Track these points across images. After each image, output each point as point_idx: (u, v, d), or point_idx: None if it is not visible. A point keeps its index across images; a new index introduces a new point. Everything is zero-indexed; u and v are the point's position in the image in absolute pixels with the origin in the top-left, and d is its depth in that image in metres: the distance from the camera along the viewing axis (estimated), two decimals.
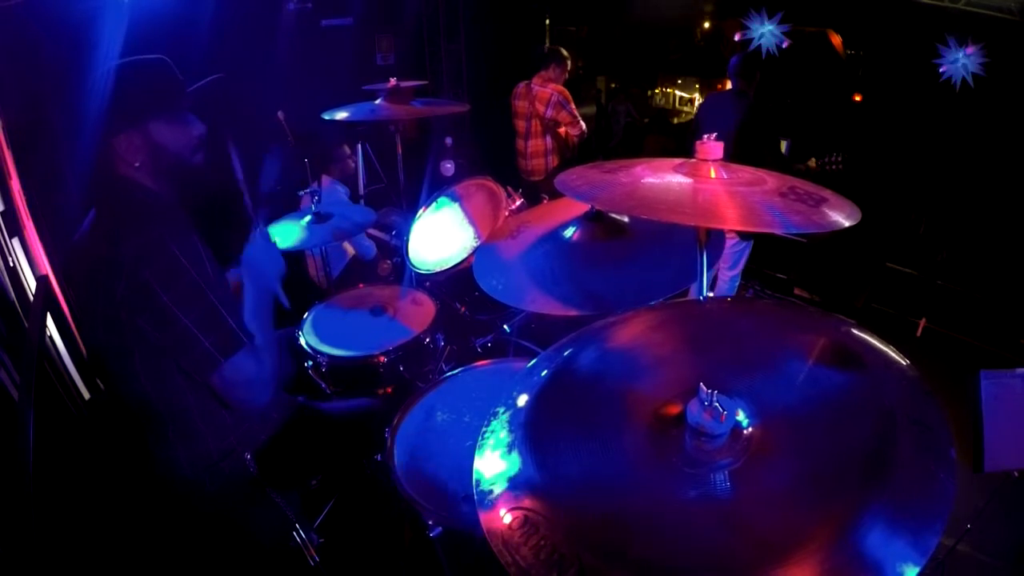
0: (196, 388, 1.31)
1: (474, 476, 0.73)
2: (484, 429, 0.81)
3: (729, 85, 3.43)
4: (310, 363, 1.86)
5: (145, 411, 1.33)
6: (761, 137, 3.14)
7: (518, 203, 2.08)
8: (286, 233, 2.04)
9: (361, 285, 2.25)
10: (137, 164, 1.27)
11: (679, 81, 7.29)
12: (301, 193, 2.76)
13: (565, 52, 4.21)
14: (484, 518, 0.67)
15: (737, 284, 3.66)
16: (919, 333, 3.63)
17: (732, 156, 1.10)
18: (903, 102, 4.40)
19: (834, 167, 3.20)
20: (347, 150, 3.25)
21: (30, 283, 2.26)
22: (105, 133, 1.24)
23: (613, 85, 7.51)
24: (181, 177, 1.33)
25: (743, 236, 3.38)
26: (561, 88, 4.16)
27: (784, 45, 4.21)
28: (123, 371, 1.28)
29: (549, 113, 4.14)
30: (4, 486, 1.44)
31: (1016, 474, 1.55)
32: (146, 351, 1.24)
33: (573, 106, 4.17)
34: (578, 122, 4.19)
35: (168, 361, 1.26)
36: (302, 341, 1.86)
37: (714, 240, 1.17)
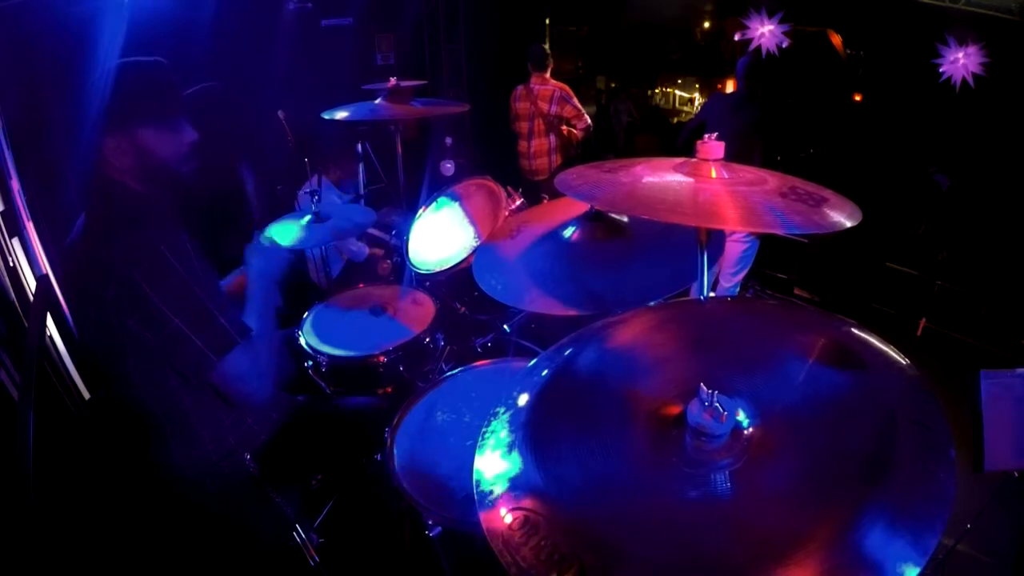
0: (191, 390, 1.31)
1: (474, 476, 0.73)
2: (484, 429, 0.81)
3: (731, 86, 3.43)
4: (310, 363, 1.86)
5: (142, 414, 1.33)
6: (785, 142, 3.14)
7: (518, 203, 2.08)
8: (286, 233, 2.04)
9: (361, 285, 2.25)
10: (124, 168, 1.26)
11: (679, 81, 7.29)
12: (301, 193, 2.76)
13: (547, 48, 4.25)
14: (484, 518, 0.67)
15: (737, 290, 3.66)
16: (919, 333, 3.63)
17: (751, 161, 1.11)
18: (903, 102, 4.40)
19: (815, 160, 3.20)
20: (355, 168, 3.26)
21: (30, 283, 2.26)
22: (96, 134, 1.23)
23: (613, 85, 7.50)
24: (168, 184, 1.32)
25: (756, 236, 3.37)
26: (562, 84, 4.18)
27: (784, 45, 4.21)
28: (117, 374, 1.28)
29: (553, 109, 4.15)
30: (4, 486, 1.44)
31: (1016, 474, 1.55)
32: (139, 353, 1.24)
33: (576, 100, 4.19)
34: (583, 115, 4.21)
35: (161, 363, 1.26)
36: (302, 341, 1.86)
37: (714, 240, 1.17)
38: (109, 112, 1.23)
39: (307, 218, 2.10)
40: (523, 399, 0.84)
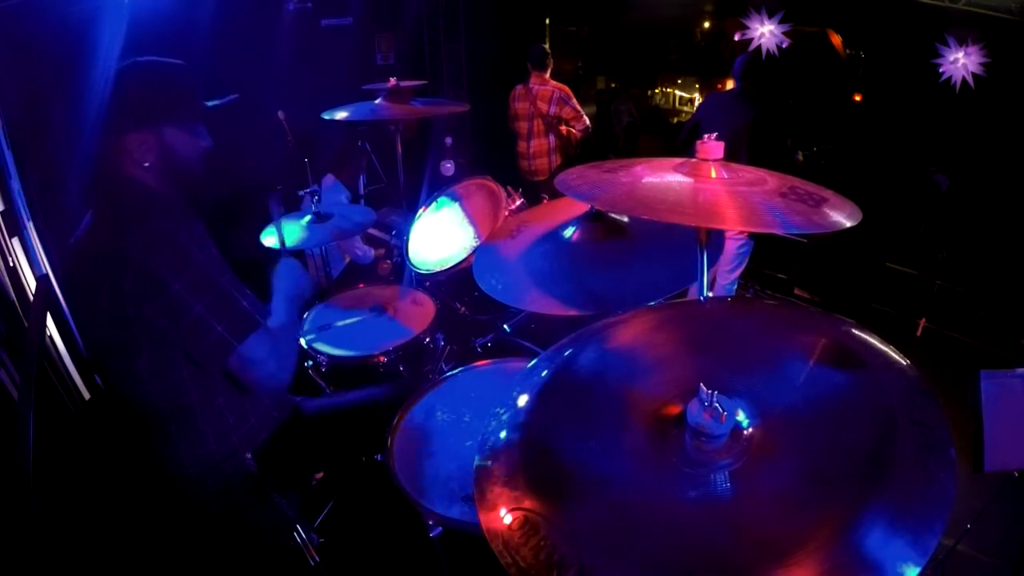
0: (199, 385, 1.31)
1: (474, 476, 0.73)
2: (484, 429, 0.81)
3: (730, 85, 3.44)
4: (310, 363, 1.86)
5: (148, 411, 1.33)
6: (772, 139, 3.15)
7: (518, 203, 2.09)
8: (286, 233, 2.04)
9: (361, 285, 2.25)
10: (146, 164, 1.27)
11: (679, 81, 7.28)
12: (301, 193, 2.76)
13: (547, 48, 4.24)
14: (484, 518, 0.67)
15: (735, 288, 3.67)
16: (919, 333, 3.62)
17: (740, 157, 1.11)
18: (903, 102, 4.40)
19: (822, 161, 3.21)
20: (363, 162, 3.27)
21: (30, 283, 2.26)
22: (116, 129, 1.24)
23: (613, 85, 7.50)
24: (185, 184, 1.34)
25: (749, 234, 3.39)
26: (561, 85, 4.17)
27: (784, 45, 4.21)
28: (126, 371, 1.28)
29: (552, 110, 4.14)
30: (4, 486, 1.44)
31: (1016, 474, 1.55)
32: (154, 345, 1.24)
33: (575, 101, 4.18)
34: (582, 116, 4.21)
35: (174, 356, 1.25)
36: (302, 341, 1.86)
37: (714, 240, 1.17)
38: (136, 108, 1.24)
39: (307, 218, 2.10)
40: (523, 399, 0.84)
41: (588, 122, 4.26)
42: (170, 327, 1.20)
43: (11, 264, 2.21)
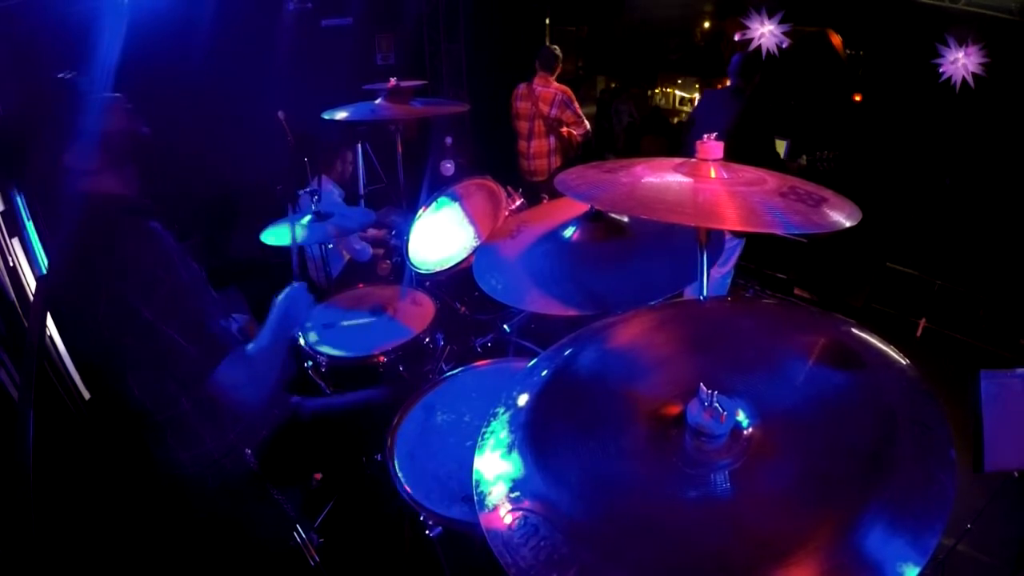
0: (190, 393, 1.31)
1: (474, 476, 0.73)
2: (484, 429, 0.81)
3: (728, 83, 3.44)
4: (310, 363, 1.86)
5: (142, 419, 1.33)
6: (755, 135, 3.15)
7: (518, 203, 2.08)
8: (286, 233, 2.04)
9: (361, 285, 2.25)
10: (95, 168, 1.25)
11: (679, 81, 7.28)
12: (301, 193, 2.76)
13: (558, 51, 4.22)
14: (484, 519, 0.67)
15: (729, 282, 3.66)
16: (919, 333, 3.62)
17: (726, 154, 1.11)
18: (903, 102, 4.40)
19: (825, 165, 3.20)
20: (349, 155, 3.27)
21: (30, 283, 2.26)
22: (53, 158, 1.22)
23: (613, 85, 7.50)
24: (140, 153, 1.32)
25: (735, 233, 3.38)
26: (564, 87, 4.16)
27: (784, 45, 4.21)
28: (116, 386, 1.28)
29: (554, 112, 4.13)
30: (4, 486, 1.44)
31: (1016, 474, 1.55)
32: (135, 366, 1.24)
33: (577, 105, 4.17)
34: (582, 121, 4.20)
35: (159, 375, 1.26)
36: (302, 341, 1.86)
37: (714, 240, 1.17)
38: (65, 131, 1.22)
39: (307, 218, 2.10)
40: (523, 399, 0.84)
41: (588, 127, 4.25)
42: (146, 350, 1.20)
43: (11, 264, 2.21)
